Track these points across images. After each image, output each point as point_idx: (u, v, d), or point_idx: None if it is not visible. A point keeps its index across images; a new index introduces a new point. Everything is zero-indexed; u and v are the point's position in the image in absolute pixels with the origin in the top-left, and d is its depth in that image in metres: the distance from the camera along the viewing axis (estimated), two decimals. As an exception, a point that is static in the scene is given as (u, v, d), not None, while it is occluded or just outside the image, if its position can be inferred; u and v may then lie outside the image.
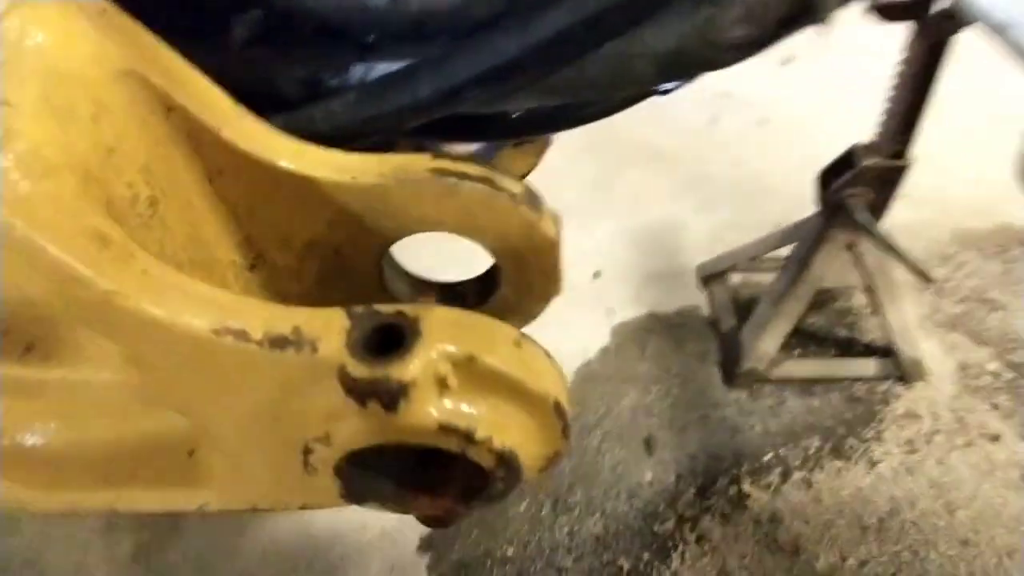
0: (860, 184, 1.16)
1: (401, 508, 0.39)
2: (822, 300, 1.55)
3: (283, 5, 0.38)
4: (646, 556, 1.16)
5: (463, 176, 0.37)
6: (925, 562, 1.12)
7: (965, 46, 0.94)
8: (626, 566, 1.15)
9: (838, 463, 1.26)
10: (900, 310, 1.32)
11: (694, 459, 1.29)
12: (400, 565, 1.19)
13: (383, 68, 0.38)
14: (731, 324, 1.48)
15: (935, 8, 0.95)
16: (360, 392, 0.30)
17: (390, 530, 1.23)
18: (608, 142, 2.08)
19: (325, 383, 0.31)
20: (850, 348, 1.45)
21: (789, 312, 1.32)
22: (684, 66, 0.35)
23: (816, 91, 2.19)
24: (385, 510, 0.39)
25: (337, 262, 0.41)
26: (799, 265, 1.30)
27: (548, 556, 1.18)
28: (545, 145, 0.60)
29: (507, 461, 0.34)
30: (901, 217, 1.73)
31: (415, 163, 0.37)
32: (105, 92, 0.32)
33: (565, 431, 0.37)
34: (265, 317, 0.31)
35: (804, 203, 1.34)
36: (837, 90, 2.22)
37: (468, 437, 0.32)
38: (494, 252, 0.42)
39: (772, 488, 1.23)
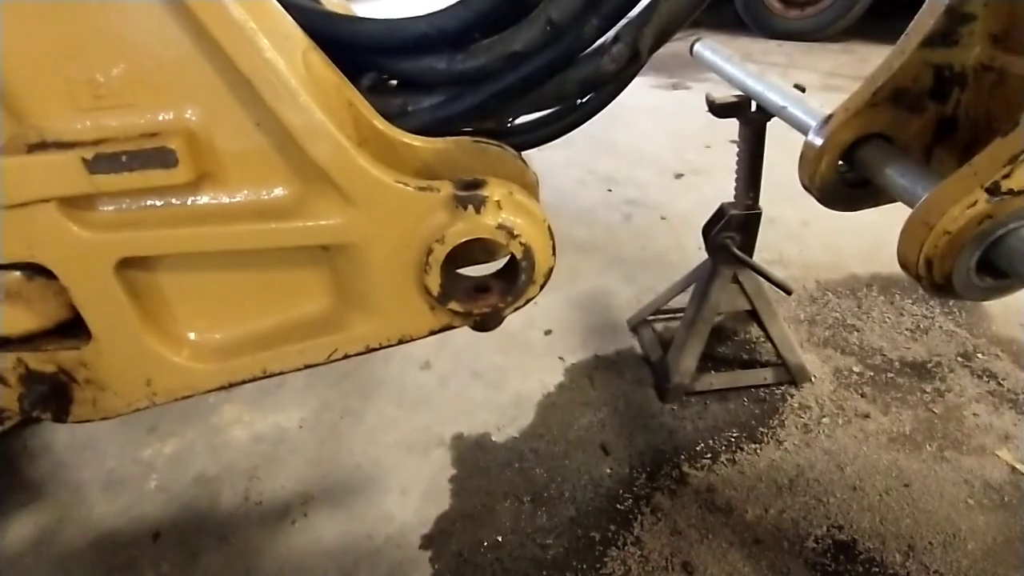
0: (730, 229, 1.61)
1: (467, 306, 0.69)
2: (726, 335, 1.95)
3: (390, 69, 0.77)
4: (612, 527, 1.40)
5: (489, 144, 0.74)
6: (826, 505, 1.41)
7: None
8: (597, 536, 1.38)
9: (754, 445, 1.57)
10: (779, 325, 1.73)
11: (642, 455, 1.57)
12: (406, 562, 1.36)
13: (442, 97, 0.77)
14: (659, 355, 1.84)
15: (750, 107, 1.47)
16: (463, 201, 0.63)
17: (394, 535, 1.41)
18: (545, 240, 2.55)
19: (442, 209, 0.64)
20: (752, 364, 1.82)
21: (700, 333, 1.70)
22: (591, 85, 0.74)
23: (698, 195, 2.80)
24: (458, 315, 0.69)
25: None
26: (700, 296, 1.71)
27: (533, 537, 1.39)
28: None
29: (528, 252, 0.66)
30: (777, 275, 2.23)
31: (464, 139, 0.74)
32: (331, 90, 0.68)
33: (554, 249, 0.70)
34: (414, 179, 0.65)
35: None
36: (711, 194, 2.85)
37: (511, 232, 0.64)
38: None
39: (706, 468, 1.52)
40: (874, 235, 2.40)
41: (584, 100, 0.80)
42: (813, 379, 1.75)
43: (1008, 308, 1.96)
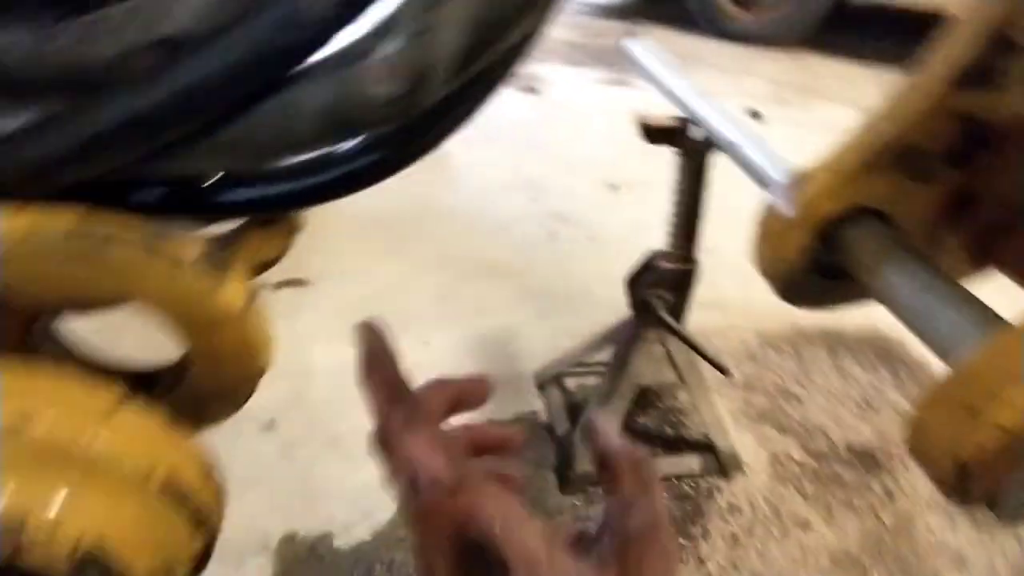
0: (659, 286, 1.26)
1: None
2: (649, 400, 1.62)
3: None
4: None
5: (110, 238, 0.33)
6: (754, 663, 1.10)
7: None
8: None
9: (669, 565, 1.24)
10: (712, 405, 1.40)
11: None
12: None
13: (37, 114, 0.35)
14: (565, 428, 1.48)
15: (691, 134, 1.11)
16: None
17: None
18: (454, 257, 2.14)
19: None
20: (676, 446, 1.49)
21: (615, 409, 1.35)
22: (343, 123, 0.35)
23: (634, 213, 2.46)
24: None
25: (-32, 339, 0.35)
26: (619, 364, 1.35)
27: None
28: (294, 228, 0.58)
29: (92, 563, 0.27)
30: (715, 322, 1.92)
31: (54, 220, 0.33)
32: None
33: (195, 518, 0.31)
34: None
35: (627, 311, 1.43)
36: (649, 212, 2.51)
37: (15, 530, 0.25)
38: (170, 326, 0.37)
39: (607, 599, 1.18)
40: (821, 279, 2.12)
41: (355, 152, 0.41)
42: (746, 469, 1.44)
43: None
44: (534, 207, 2.52)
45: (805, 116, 3.40)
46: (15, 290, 0.34)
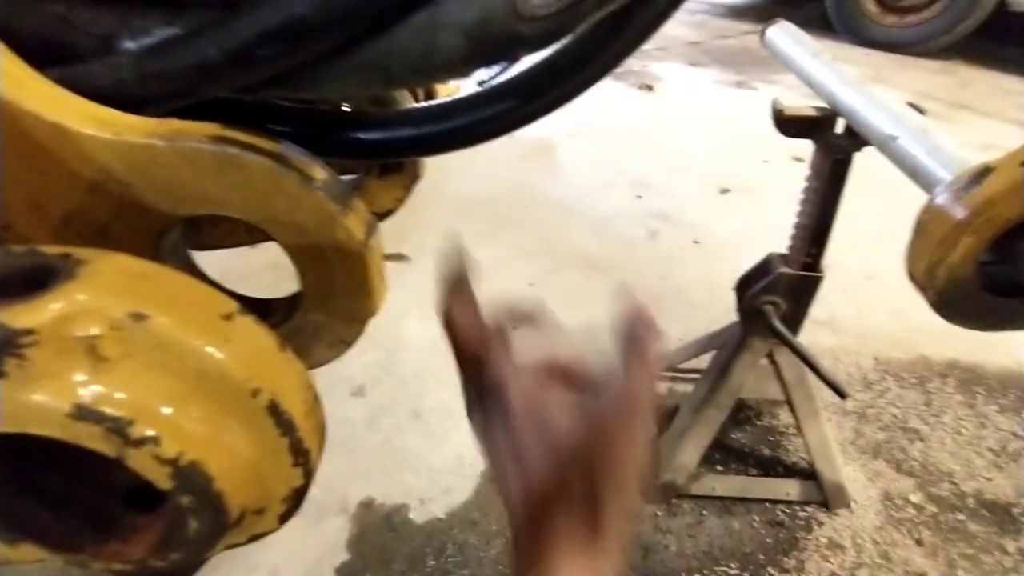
0: (774, 292, 1.16)
1: (72, 555, 0.28)
2: (746, 416, 1.51)
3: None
4: None
5: (248, 147, 0.32)
6: None
7: (898, 184, 0.89)
8: None
9: (756, 595, 1.15)
10: (819, 430, 1.28)
11: (601, 580, 1.15)
12: None
13: (181, 27, 0.35)
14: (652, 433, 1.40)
15: (834, 127, 1.01)
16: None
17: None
18: (550, 247, 2.11)
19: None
20: (773, 468, 1.38)
21: (709, 421, 1.26)
22: (491, 41, 0.32)
23: (743, 219, 2.31)
24: (48, 556, 0.28)
25: (102, 244, 0.35)
26: (719, 371, 1.27)
27: None
28: (413, 180, 0.56)
29: (191, 480, 0.25)
30: (826, 342, 1.77)
31: (196, 128, 0.32)
32: None
33: (296, 450, 0.28)
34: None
35: (727, 319, 1.33)
36: (760, 219, 2.35)
37: (120, 431, 0.23)
38: (291, 251, 0.36)
39: (683, 619, 1.10)
40: (958, 308, 1.89)
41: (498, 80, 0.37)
42: (853, 505, 1.30)
43: None
44: (637, 204, 2.44)
45: (956, 133, 3.07)
46: (156, 191, 0.34)
